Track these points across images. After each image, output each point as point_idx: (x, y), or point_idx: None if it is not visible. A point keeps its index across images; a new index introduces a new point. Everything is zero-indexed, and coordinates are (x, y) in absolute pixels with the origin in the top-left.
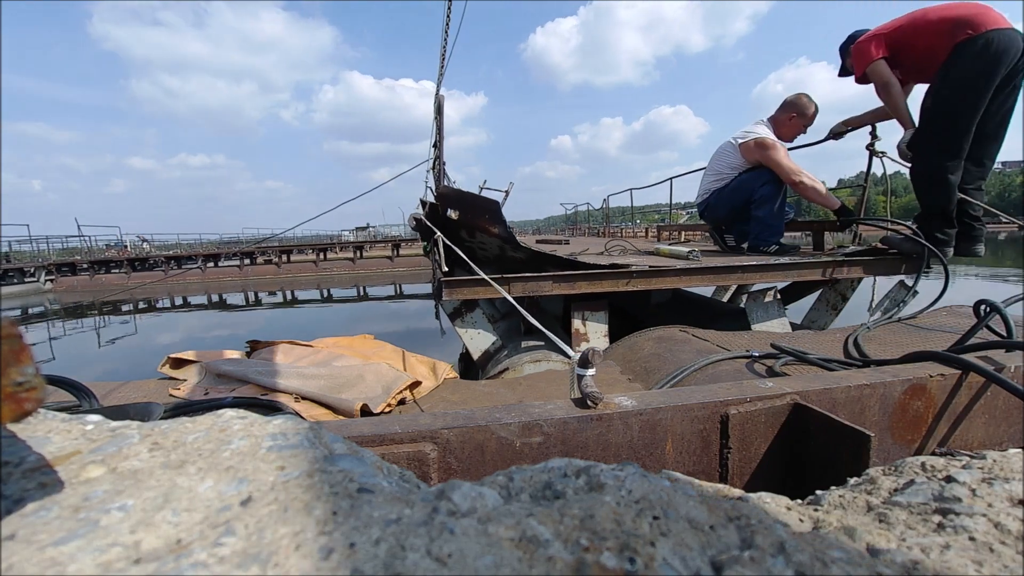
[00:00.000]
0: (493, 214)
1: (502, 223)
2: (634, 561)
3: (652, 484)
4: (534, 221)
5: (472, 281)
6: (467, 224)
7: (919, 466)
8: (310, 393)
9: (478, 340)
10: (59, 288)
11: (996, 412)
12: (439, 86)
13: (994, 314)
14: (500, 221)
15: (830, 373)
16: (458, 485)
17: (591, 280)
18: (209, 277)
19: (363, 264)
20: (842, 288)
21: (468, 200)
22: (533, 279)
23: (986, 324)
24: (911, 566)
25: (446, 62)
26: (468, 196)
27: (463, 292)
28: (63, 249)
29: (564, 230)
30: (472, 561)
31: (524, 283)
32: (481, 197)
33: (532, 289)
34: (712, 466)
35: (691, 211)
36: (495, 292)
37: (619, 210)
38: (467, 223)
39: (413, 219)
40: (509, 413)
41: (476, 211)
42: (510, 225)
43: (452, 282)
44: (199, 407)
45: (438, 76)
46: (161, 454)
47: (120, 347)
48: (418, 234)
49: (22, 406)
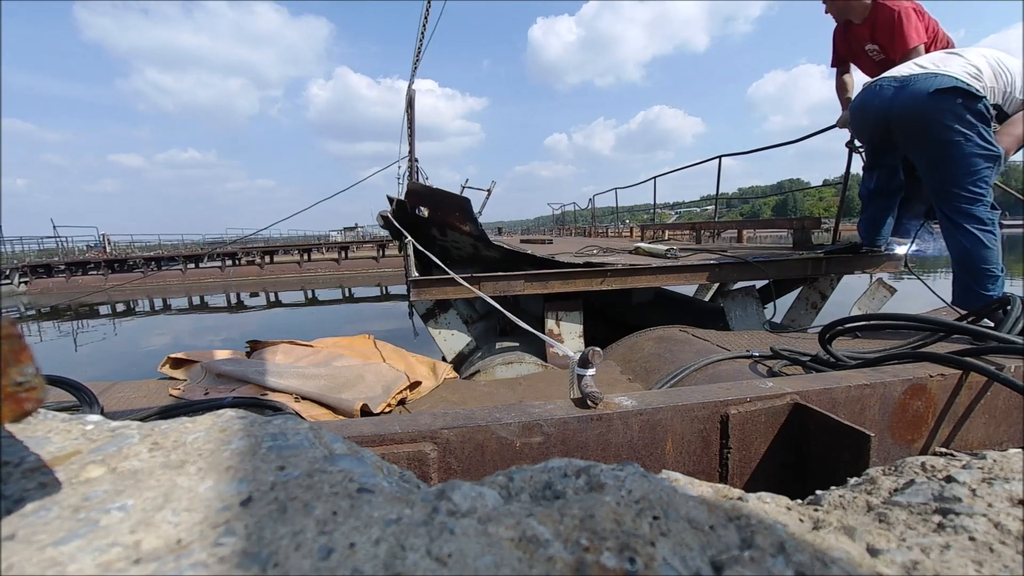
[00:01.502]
0: (464, 211)
1: (473, 220)
2: (634, 561)
3: (652, 484)
4: (523, 221)
5: (443, 281)
6: (438, 222)
7: (919, 466)
8: (310, 393)
9: (452, 341)
10: (34, 290)
11: (996, 412)
12: (412, 80)
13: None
14: (471, 218)
15: (830, 373)
16: (458, 485)
17: (564, 279)
18: (190, 278)
19: (348, 265)
20: (821, 286)
21: (438, 197)
22: (504, 278)
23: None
24: (911, 566)
25: (421, 55)
26: (438, 193)
27: (432, 292)
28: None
29: (551, 230)
30: (472, 561)
31: (495, 282)
32: (452, 194)
33: (504, 289)
34: (712, 466)
35: (679, 211)
36: (466, 292)
37: (607, 210)
38: (438, 221)
39: (381, 217)
40: (509, 413)
41: (447, 208)
42: (499, 225)
43: (422, 282)
44: (199, 407)
45: (412, 70)
46: (161, 454)
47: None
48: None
49: (22, 406)
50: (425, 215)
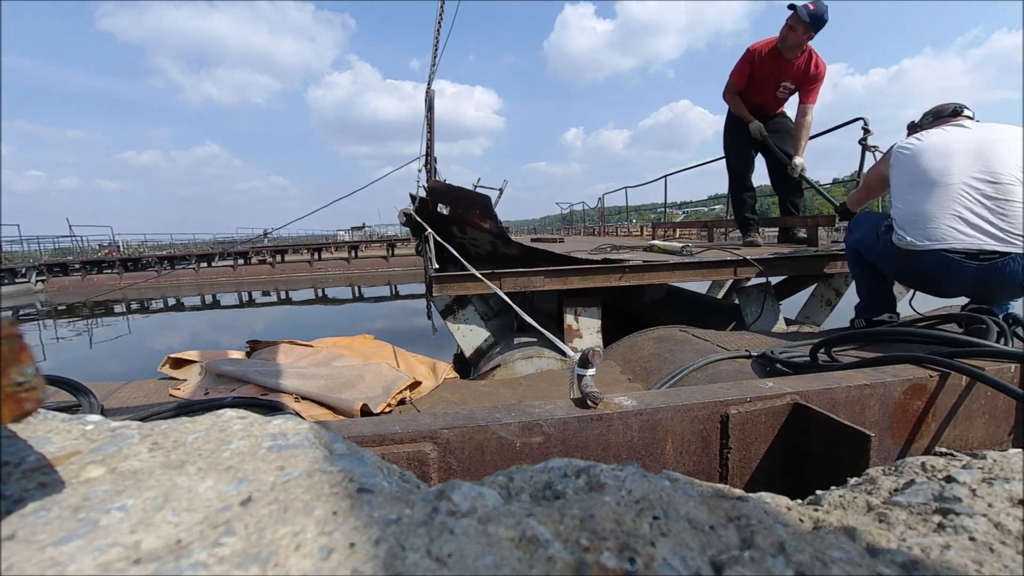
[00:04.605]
0: (484, 208)
1: (493, 218)
2: (634, 561)
3: (652, 484)
4: (530, 221)
5: (463, 277)
6: (458, 219)
7: (919, 466)
8: (310, 393)
9: (471, 337)
10: (51, 288)
11: (996, 412)
12: (430, 81)
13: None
14: (491, 216)
15: (830, 373)
16: (458, 485)
17: (583, 275)
18: (203, 277)
19: (358, 264)
20: (836, 283)
21: (458, 195)
22: (525, 274)
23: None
24: (911, 566)
25: (438, 58)
26: (458, 191)
27: (454, 288)
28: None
29: (560, 229)
30: (472, 561)
31: (516, 279)
32: (472, 191)
33: (524, 284)
34: (712, 466)
35: (686, 211)
36: (486, 288)
37: (615, 209)
38: (458, 218)
39: (403, 214)
40: (509, 413)
41: (467, 206)
42: (506, 225)
43: (443, 278)
44: (199, 407)
45: (430, 72)
46: (161, 454)
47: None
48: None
49: (22, 406)
50: (445, 213)
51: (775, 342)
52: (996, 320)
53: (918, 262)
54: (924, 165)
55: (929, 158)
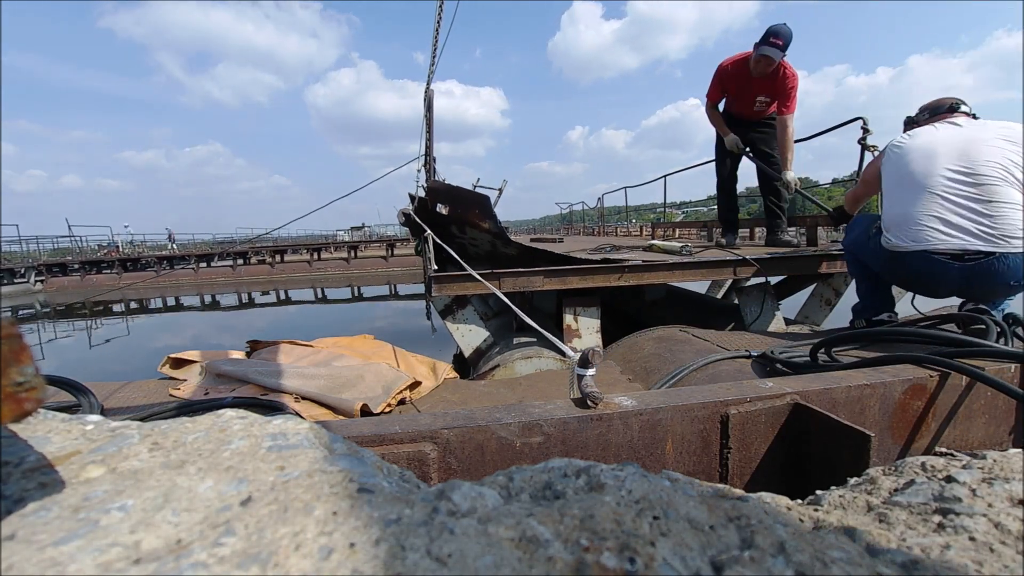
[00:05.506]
0: (483, 208)
1: (492, 217)
2: (634, 561)
3: (652, 484)
4: (529, 221)
5: (462, 277)
6: (457, 219)
7: (919, 466)
8: (310, 393)
9: (470, 337)
10: (50, 288)
11: (996, 412)
12: (429, 81)
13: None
14: (490, 215)
15: (830, 373)
16: (458, 485)
17: (583, 275)
18: (202, 277)
19: (357, 264)
20: (835, 283)
21: (457, 194)
22: (524, 274)
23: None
24: (911, 566)
25: (437, 58)
26: (457, 190)
27: (453, 288)
28: (54, 249)
29: (559, 229)
30: (472, 561)
31: (515, 278)
32: (471, 191)
33: (523, 284)
34: (712, 466)
35: (685, 210)
36: (485, 288)
37: (615, 209)
38: (457, 218)
39: (402, 214)
40: (509, 413)
41: (466, 205)
42: (505, 225)
43: (442, 278)
44: (199, 407)
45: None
46: (161, 454)
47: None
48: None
49: (22, 406)
50: (444, 212)
51: (775, 342)
52: (996, 320)
53: (905, 263)
54: (910, 166)
55: (914, 159)
